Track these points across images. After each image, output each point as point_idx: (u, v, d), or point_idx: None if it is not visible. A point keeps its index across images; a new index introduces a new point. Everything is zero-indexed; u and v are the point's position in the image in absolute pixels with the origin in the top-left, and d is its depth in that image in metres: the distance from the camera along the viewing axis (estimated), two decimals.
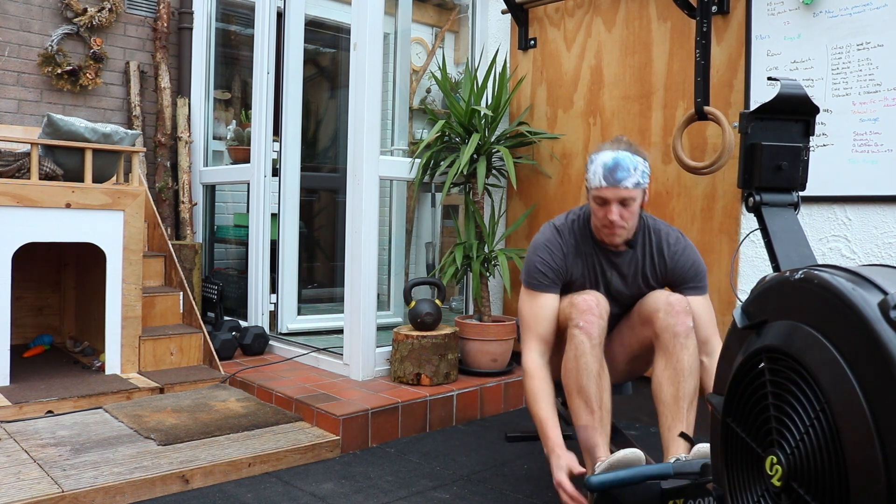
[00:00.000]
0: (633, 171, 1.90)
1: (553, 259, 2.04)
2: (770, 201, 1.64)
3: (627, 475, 1.74)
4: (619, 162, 1.90)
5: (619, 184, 1.90)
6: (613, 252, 2.05)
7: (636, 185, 1.91)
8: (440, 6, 4.73)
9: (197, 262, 3.85)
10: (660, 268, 2.06)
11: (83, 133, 3.06)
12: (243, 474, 2.34)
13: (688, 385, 1.88)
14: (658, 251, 2.06)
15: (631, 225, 1.97)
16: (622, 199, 1.91)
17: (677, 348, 1.89)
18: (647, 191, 1.99)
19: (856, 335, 1.04)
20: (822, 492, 1.07)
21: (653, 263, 2.06)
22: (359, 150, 3.06)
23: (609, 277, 2.07)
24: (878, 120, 2.46)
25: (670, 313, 1.91)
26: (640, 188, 1.93)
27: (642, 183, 1.93)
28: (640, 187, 1.93)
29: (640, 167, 1.93)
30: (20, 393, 2.79)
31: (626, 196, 1.91)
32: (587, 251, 2.06)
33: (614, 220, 1.92)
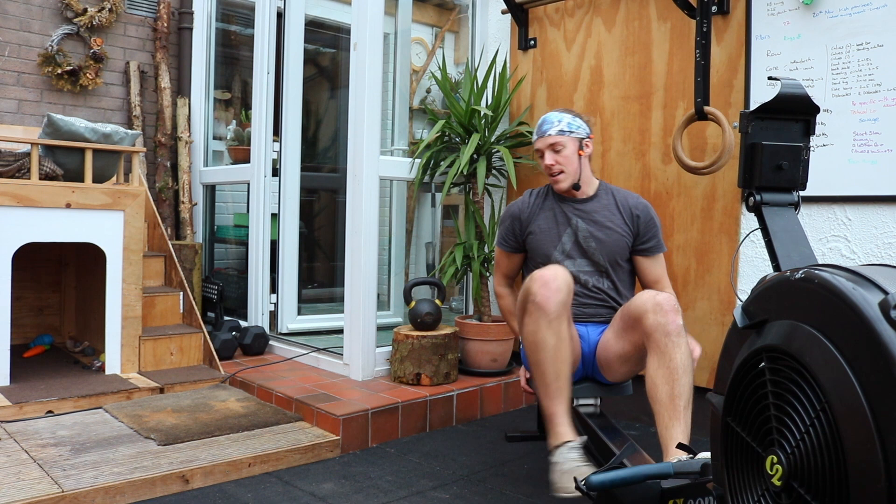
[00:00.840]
0: (556, 123, 2.27)
1: (511, 226, 2.40)
2: (770, 201, 1.64)
3: (628, 475, 1.74)
4: (546, 118, 2.31)
5: (545, 133, 2.28)
6: (576, 201, 2.34)
7: (560, 132, 2.26)
8: (440, 6, 4.73)
9: (197, 262, 3.85)
10: (626, 214, 2.32)
11: (83, 133, 3.06)
12: (243, 474, 2.34)
13: (683, 382, 1.89)
14: (623, 201, 2.34)
15: (570, 169, 2.27)
16: (551, 146, 2.26)
17: (670, 347, 1.91)
18: (585, 143, 2.30)
19: (856, 335, 1.04)
20: (823, 492, 1.07)
21: (619, 210, 2.32)
22: (359, 150, 3.06)
23: (574, 223, 2.31)
24: (877, 120, 2.46)
25: (659, 313, 1.95)
26: (566, 136, 2.26)
27: (567, 131, 2.27)
28: (565, 134, 2.26)
29: (567, 120, 2.28)
30: (20, 393, 2.79)
31: (552, 142, 2.26)
32: (551, 205, 2.36)
33: (549, 163, 2.26)
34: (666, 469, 1.73)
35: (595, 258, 2.29)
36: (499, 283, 2.50)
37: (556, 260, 2.28)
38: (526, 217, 2.36)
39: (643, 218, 2.31)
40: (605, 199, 2.35)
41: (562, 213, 2.33)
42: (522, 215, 2.37)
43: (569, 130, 2.26)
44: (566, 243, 2.29)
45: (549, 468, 1.97)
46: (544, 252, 2.31)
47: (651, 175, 3.05)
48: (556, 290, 1.97)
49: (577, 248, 2.28)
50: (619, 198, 2.35)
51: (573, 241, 2.29)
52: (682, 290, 2.93)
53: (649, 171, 3.05)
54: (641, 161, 3.08)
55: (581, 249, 2.28)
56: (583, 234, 2.29)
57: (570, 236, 2.29)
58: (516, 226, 2.38)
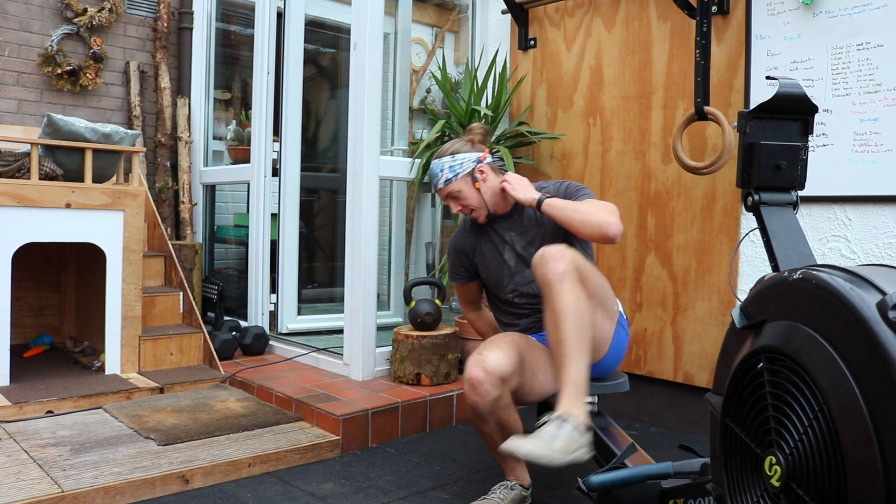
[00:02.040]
0: (440, 174, 2.19)
1: (458, 259, 2.35)
2: (769, 200, 1.64)
3: (628, 475, 1.75)
4: (431, 169, 2.23)
5: (437, 187, 2.22)
6: (503, 217, 2.26)
7: (447, 181, 2.18)
8: (440, 6, 4.73)
9: (197, 262, 3.85)
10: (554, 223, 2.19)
11: (83, 133, 3.07)
12: (243, 474, 2.34)
13: (566, 327, 1.81)
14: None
15: (477, 204, 2.20)
16: (447, 194, 2.21)
17: (552, 295, 1.85)
18: (476, 172, 2.19)
19: (854, 335, 1.04)
20: (821, 492, 1.07)
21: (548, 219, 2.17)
22: (359, 150, 3.06)
23: (510, 239, 2.24)
24: (877, 120, 2.46)
25: (541, 265, 1.89)
26: (455, 180, 2.18)
27: (453, 178, 2.18)
28: (452, 181, 2.18)
29: (447, 164, 2.19)
30: (20, 393, 2.79)
31: (446, 193, 2.21)
32: (486, 229, 2.30)
33: (457, 211, 2.23)
34: (666, 469, 1.73)
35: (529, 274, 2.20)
36: (466, 311, 2.47)
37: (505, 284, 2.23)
38: (470, 248, 2.31)
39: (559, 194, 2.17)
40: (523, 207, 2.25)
41: (496, 233, 2.26)
42: (466, 247, 2.32)
43: (454, 175, 2.17)
44: (510, 261, 2.23)
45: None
46: (496, 276, 2.26)
47: (651, 175, 3.05)
48: (484, 394, 1.90)
49: (521, 261, 2.21)
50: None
51: (515, 257, 2.22)
52: (682, 290, 2.94)
53: (649, 171, 3.05)
54: (641, 161, 3.08)
55: (524, 261, 2.20)
56: (521, 246, 2.22)
57: (510, 252, 2.23)
58: (464, 258, 2.34)
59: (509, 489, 2.10)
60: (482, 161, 2.21)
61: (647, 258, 3.05)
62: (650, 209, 3.04)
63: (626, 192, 3.13)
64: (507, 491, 2.10)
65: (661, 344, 3.00)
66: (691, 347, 2.91)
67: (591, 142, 3.26)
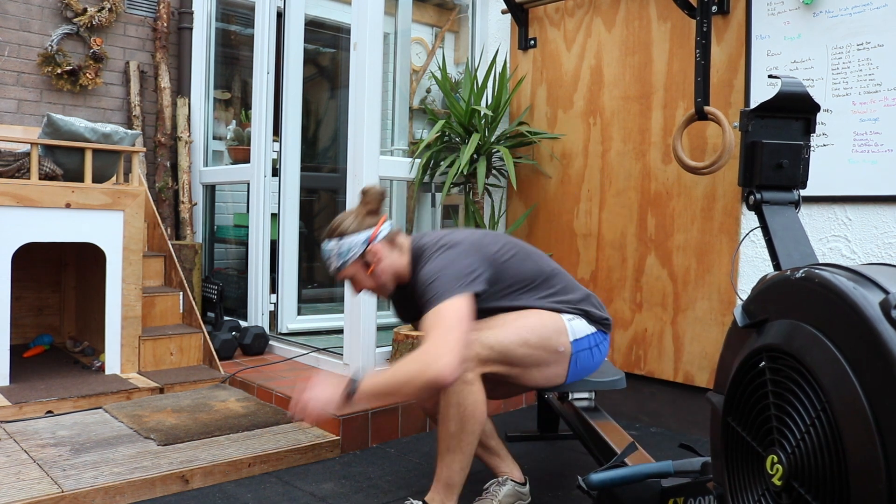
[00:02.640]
0: (328, 260, 2.04)
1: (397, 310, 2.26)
2: (771, 199, 1.64)
3: (628, 473, 1.74)
4: (322, 255, 2.07)
5: (331, 271, 2.06)
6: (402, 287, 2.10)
7: (337, 269, 2.03)
8: (440, 6, 4.73)
9: (197, 262, 3.84)
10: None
11: (83, 133, 3.06)
12: (243, 474, 2.34)
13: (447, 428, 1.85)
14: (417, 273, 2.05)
15: (374, 286, 2.05)
16: (342, 279, 2.07)
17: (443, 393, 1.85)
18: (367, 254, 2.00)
19: (857, 334, 1.04)
20: (823, 491, 1.07)
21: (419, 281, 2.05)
22: (359, 150, 3.06)
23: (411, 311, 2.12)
24: (878, 120, 2.46)
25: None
26: (347, 266, 2.01)
27: (341, 265, 2.01)
28: (343, 267, 2.02)
29: (334, 252, 2.01)
30: (20, 393, 2.79)
31: (343, 277, 2.06)
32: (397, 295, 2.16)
33: (358, 293, 2.11)
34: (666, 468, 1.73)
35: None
36: None
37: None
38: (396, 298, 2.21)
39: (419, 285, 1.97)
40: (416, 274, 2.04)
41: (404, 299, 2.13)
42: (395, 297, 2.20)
43: (342, 262, 2.01)
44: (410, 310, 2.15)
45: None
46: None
47: (651, 175, 3.04)
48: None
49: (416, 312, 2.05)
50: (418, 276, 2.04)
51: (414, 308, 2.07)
52: (682, 290, 2.94)
53: (649, 171, 3.05)
54: (641, 161, 3.08)
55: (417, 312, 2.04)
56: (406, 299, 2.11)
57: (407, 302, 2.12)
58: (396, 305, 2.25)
59: (500, 484, 2.09)
60: (372, 240, 1.99)
61: (648, 258, 3.05)
62: (650, 209, 3.04)
63: (626, 192, 3.13)
64: (498, 486, 2.08)
65: (662, 344, 3.00)
66: (691, 347, 2.90)
67: (592, 142, 3.26)
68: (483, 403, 1.87)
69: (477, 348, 1.83)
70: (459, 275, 1.88)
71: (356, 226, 2.01)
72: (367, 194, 2.04)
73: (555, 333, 1.96)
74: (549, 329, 1.95)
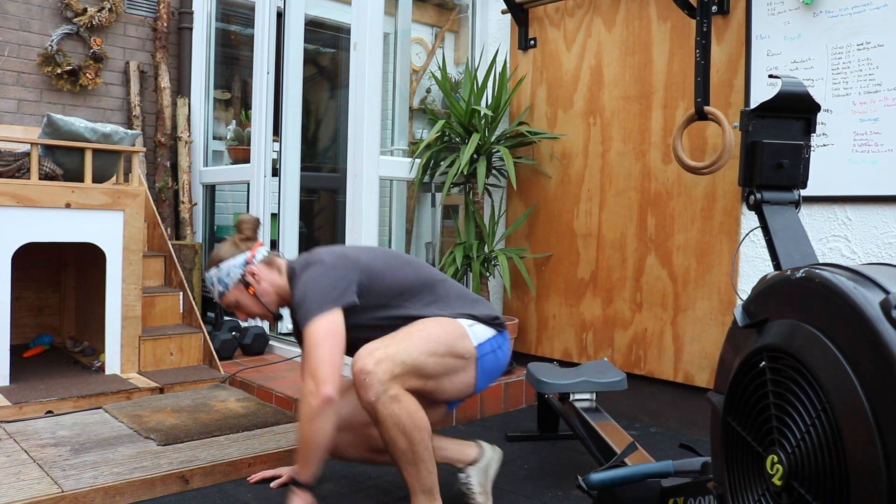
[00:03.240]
0: (212, 287, 2.11)
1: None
2: (771, 199, 1.64)
3: (628, 473, 1.74)
4: (206, 285, 2.15)
5: (216, 299, 2.12)
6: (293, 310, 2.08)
7: (220, 294, 2.09)
8: (440, 6, 4.73)
9: (197, 262, 3.84)
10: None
11: (83, 133, 3.06)
12: (244, 474, 2.34)
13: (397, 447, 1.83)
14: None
15: (259, 311, 2.10)
16: (226, 306, 2.13)
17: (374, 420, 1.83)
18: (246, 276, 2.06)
19: (857, 334, 1.04)
20: (823, 491, 1.07)
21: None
22: (359, 150, 3.06)
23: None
24: (878, 120, 2.46)
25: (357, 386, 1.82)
26: (228, 290, 2.08)
27: (224, 290, 2.08)
28: (225, 293, 2.09)
29: (215, 278, 2.09)
30: (20, 393, 2.79)
31: (224, 304, 2.13)
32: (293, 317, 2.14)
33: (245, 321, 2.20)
34: (666, 468, 1.73)
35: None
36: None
37: None
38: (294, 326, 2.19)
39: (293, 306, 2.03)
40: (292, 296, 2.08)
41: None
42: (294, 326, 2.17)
43: (224, 287, 2.07)
44: None
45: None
46: None
47: (651, 175, 3.04)
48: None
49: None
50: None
51: None
52: (682, 290, 2.94)
53: (649, 171, 3.05)
54: (641, 161, 3.08)
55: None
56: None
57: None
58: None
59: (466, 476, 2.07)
60: (250, 262, 2.07)
61: (648, 258, 3.05)
62: (650, 209, 3.04)
63: (626, 191, 3.13)
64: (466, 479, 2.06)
65: (662, 344, 3.00)
66: (691, 347, 2.90)
67: (592, 142, 3.26)
68: (420, 409, 1.82)
69: (388, 366, 1.79)
70: (325, 290, 1.90)
71: (233, 251, 2.09)
72: (241, 223, 2.14)
73: (458, 339, 1.96)
74: (453, 336, 1.95)
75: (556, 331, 3.38)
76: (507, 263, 3.32)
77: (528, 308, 3.50)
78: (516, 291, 3.52)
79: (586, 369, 2.50)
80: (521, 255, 3.41)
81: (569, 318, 3.33)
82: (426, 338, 1.91)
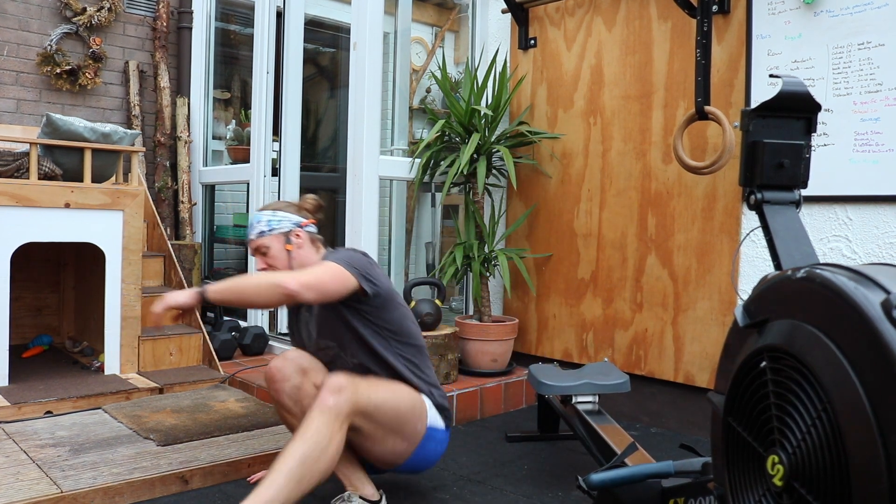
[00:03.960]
0: (256, 224, 2.15)
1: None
2: (772, 199, 1.64)
3: (628, 473, 1.74)
4: (250, 220, 2.19)
5: (248, 238, 2.17)
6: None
7: (259, 234, 2.13)
8: (440, 6, 4.72)
9: (196, 262, 3.84)
10: None
11: (82, 133, 3.06)
12: (243, 474, 2.33)
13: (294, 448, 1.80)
14: None
15: (280, 266, 2.12)
16: (255, 249, 2.15)
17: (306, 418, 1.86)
18: (292, 235, 2.14)
19: (858, 334, 1.03)
20: (824, 492, 1.06)
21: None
22: (358, 149, 3.06)
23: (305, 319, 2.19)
24: (879, 119, 2.46)
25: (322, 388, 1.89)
26: (268, 235, 2.13)
27: (267, 231, 2.13)
28: (265, 235, 2.13)
29: (266, 218, 2.14)
30: (19, 393, 2.79)
31: (256, 245, 2.14)
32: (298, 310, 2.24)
33: (260, 266, 2.15)
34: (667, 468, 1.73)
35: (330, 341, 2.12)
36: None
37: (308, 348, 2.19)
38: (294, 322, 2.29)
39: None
40: None
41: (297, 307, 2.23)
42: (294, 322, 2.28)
43: (269, 229, 2.12)
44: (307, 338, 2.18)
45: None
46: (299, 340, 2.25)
47: (651, 175, 3.04)
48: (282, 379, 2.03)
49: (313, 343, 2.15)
50: None
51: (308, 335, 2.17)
52: (682, 290, 2.93)
53: (650, 171, 3.05)
54: (642, 161, 3.07)
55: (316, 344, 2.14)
56: (309, 328, 2.16)
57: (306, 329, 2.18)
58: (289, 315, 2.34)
59: (346, 500, 2.00)
60: (303, 227, 2.16)
61: (648, 258, 3.04)
62: (651, 209, 3.04)
63: (626, 191, 3.12)
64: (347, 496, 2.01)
65: (662, 344, 2.99)
66: (692, 348, 2.90)
67: (592, 141, 3.26)
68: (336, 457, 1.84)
69: (351, 394, 1.87)
70: (352, 260, 2.00)
71: (293, 210, 2.19)
72: (305, 199, 2.25)
73: (419, 412, 2.04)
74: (417, 406, 2.04)
75: (557, 331, 3.38)
76: (507, 263, 3.32)
77: (528, 308, 3.50)
78: (516, 291, 3.52)
79: (589, 371, 2.49)
80: (521, 255, 3.40)
81: (569, 318, 3.33)
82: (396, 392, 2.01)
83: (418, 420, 2.04)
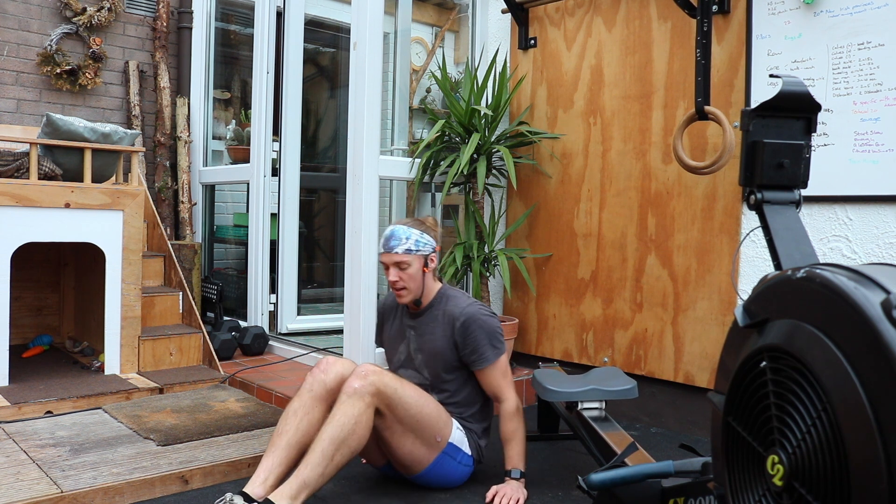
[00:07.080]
0: (404, 240, 2.20)
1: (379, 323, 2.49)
2: (772, 199, 1.64)
3: (628, 473, 1.74)
4: (394, 232, 2.23)
5: (392, 250, 2.20)
6: (411, 314, 2.33)
7: (407, 251, 2.20)
8: (440, 6, 4.72)
9: (196, 262, 3.84)
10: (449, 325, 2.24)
11: (82, 133, 3.06)
12: (243, 475, 2.33)
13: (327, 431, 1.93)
14: (449, 311, 2.25)
15: (413, 286, 2.23)
16: (396, 263, 2.20)
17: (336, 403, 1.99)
18: (430, 259, 2.25)
19: (858, 334, 1.03)
20: (824, 492, 1.06)
21: (444, 330, 2.24)
22: (358, 149, 3.06)
23: (408, 336, 2.33)
24: (878, 119, 2.46)
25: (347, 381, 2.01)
26: (413, 254, 2.21)
27: (414, 250, 2.21)
28: (412, 253, 2.20)
29: (415, 237, 2.22)
30: (19, 393, 2.79)
31: (398, 260, 2.20)
32: (399, 314, 2.38)
33: (394, 280, 2.22)
34: (667, 468, 1.73)
35: (421, 371, 2.28)
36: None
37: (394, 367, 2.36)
38: (382, 320, 2.45)
39: (461, 329, 2.20)
40: (437, 309, 2.28)
41: (402, 324, 2.35)
42: (384, 317, 2.45)
43: (416, 249, 2.21)
44: (402, 353, 2.33)
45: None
46: (389, 356, 2.41)
47: (651, 175, 3.04)
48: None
49: (409, 360, 2.31)
50: (447, 308, 2.26)
51: (406, 354, 2.32)
52: (682, 290, 2.93)
53: (650, 171, 3.05)
54: (642, 161, 3.07)
55: (411, 361, 2.30)
56: (413, 348, 2.30)
57: (405, 348, 2.33)
58: (379, 323, 2.48)
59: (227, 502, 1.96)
60: (437, 251, 2.29)
61: (648, 258, 3.04)
62: (651, 209, 3.04)
63: (626, 191, 3.12)
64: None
65: (662, 344, 2.99)
66: (692, 348, 2.90)
67: (592, 141, 3.26)
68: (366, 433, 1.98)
69: (376, 379, 1.99)
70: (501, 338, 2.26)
71: (433, 234, 2.28)
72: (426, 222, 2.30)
73: (442, 424, 2.15)
74: (442, 418, 2.16)
75: (557, 331, 3.38)
76: (507, 263, 3.32)
77: (528, 308, 3.50)
78: (516, 291, 3.52)
79: (595, 376, 2.47)
80: (521, 255, 3.40)
81: (569, 318, 3.33)
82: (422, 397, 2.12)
83: (439, 431, 2.14)
